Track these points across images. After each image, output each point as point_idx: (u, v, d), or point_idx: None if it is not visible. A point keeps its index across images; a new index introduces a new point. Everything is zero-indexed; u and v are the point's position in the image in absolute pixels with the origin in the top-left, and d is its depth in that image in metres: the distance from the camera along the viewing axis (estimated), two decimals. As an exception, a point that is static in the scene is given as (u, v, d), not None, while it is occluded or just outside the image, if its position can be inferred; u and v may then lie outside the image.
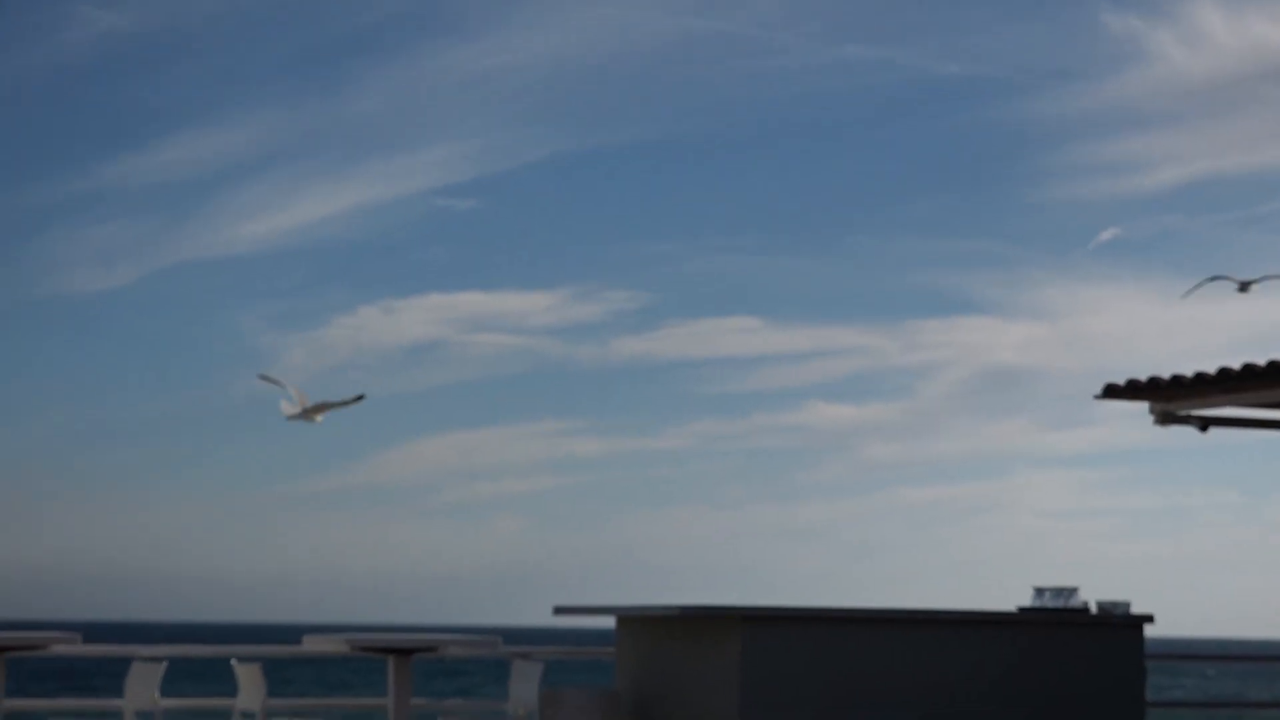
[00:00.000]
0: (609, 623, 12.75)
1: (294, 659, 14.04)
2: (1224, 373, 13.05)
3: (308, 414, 12.93)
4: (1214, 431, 14.08)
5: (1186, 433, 14.13)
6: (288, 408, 13.06)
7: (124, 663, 13.01)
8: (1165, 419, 13.82)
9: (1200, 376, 13.25)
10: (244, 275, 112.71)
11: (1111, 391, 13.78)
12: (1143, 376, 13.67)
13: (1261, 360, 12.92)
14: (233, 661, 13.30)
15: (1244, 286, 15.49)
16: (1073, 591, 12.45)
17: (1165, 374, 13.53)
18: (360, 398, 12.83)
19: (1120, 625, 12.46)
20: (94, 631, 13.64)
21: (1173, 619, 14.10)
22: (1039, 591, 12.55)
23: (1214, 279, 15.45)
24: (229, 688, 13.58)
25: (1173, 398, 13.68)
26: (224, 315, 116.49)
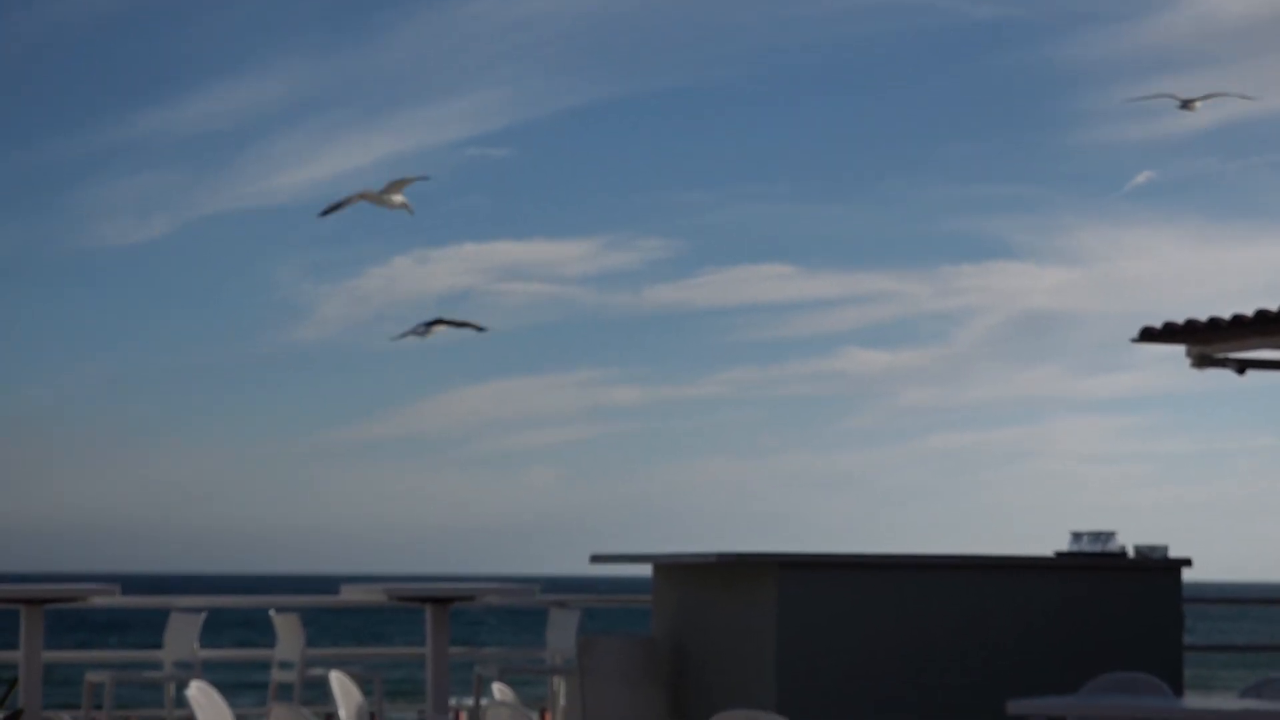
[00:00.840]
0: (646, 571, 12.78)
1: (332, 609, 14.10)
2: (1261, 315, 12.98)
3: (384, 198, 12.70)
4: (1249, 376, 14.02)
5: (1220, 377, 14.08)
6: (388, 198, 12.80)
7: (163, 614, 13.08)
8: (1202, 362, 13.76)
9: (1237, 319, 13.18)
10: (278, 226, 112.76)
11: (1148, 335, 13.72)
12: (1178, 320, 13.60)
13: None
14: (271, 612, 13.37)
15: (1186, 104, 15.78)
16: (1110, 536, 12.43)
17: (1201, 317, 13.46)
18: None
19: (1158, 569, 12.44)
20: (132, 583, 13.70)
21: (1209, 563, 14.07)
22: (1076, 536, 12.54)
23: (1158, 95, 15.80)
24: (268, 638, 13.65)
25: (1209, 340, 13.62)
26: (259, 266, 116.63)
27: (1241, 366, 13.89)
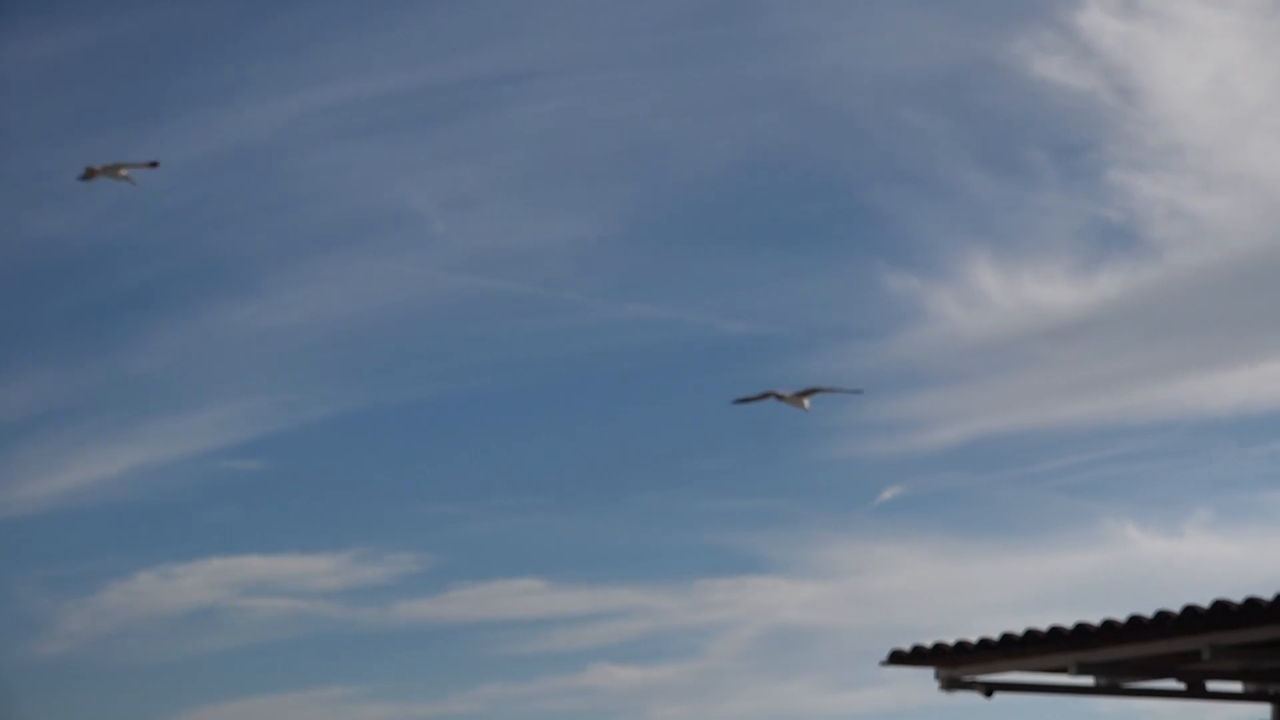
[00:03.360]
0: None
1: None
2: (1007, 639, 13.17)
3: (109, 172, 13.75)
4: (1000, 696, 14.15)
5: (973, 696, 14.20)
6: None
7: None
8: (951, 685, 13.87)
9: (984, 642, 13.35)
10: (18, 540, 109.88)
11: (897, 658, 13.80)
12: (928, 638, 13.72)
13: (1042, 623, 13.09)
14: None
15: (781, 396, 16.14)
16: None
17: (950, 634, 13.60)
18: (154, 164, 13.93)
19: None
20: None
21: None
22: None
23: (763, 395, 16.15)
24: None
25: (958, 663, 13.77)
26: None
27: (989, 690, 14.05)
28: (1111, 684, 14.34)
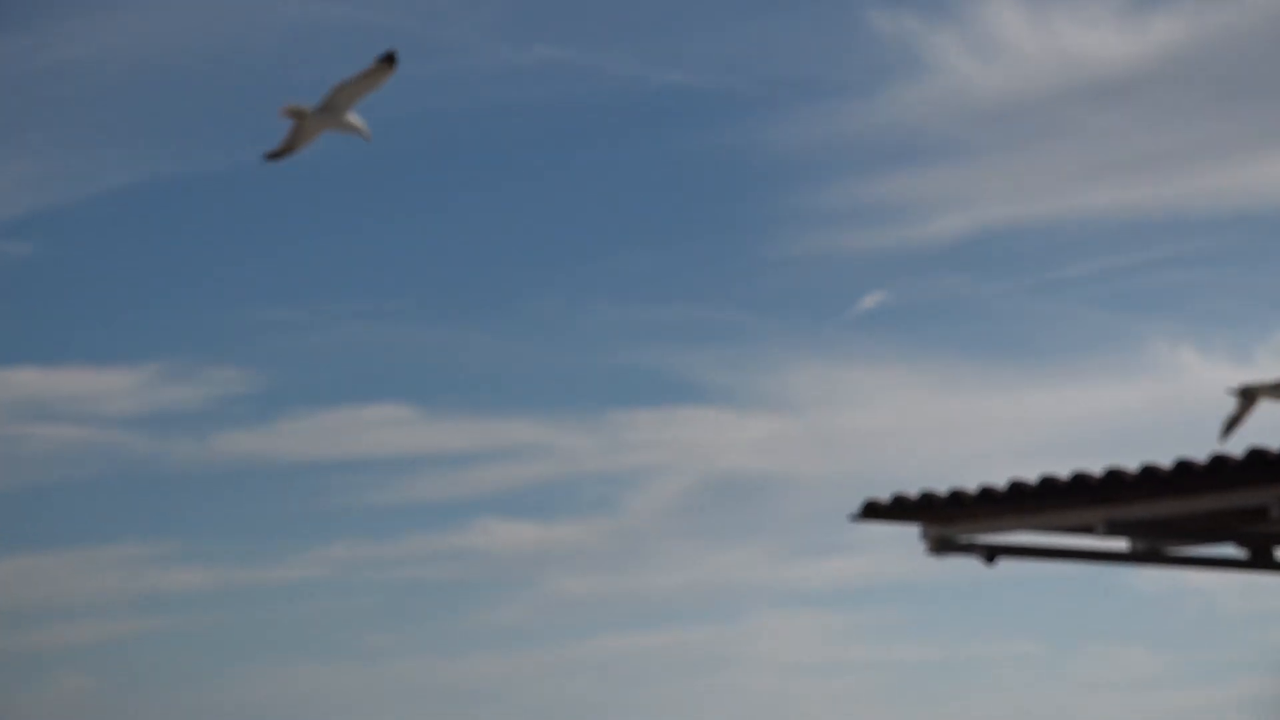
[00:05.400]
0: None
1: None
2: (1016, 488, 13.14)
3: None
4: (1002, 565, 14.16)
5: (970, 563, 14.22)
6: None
7: None
8: (941, 546, 13.84)
9: (986, 493, 13.30)
10: None
11: (872, 511, 13.74)
12: (913, 490, 13.66)
13: (1063, 470, 13.06)
14: None
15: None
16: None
17: (942, 487, 13.55)
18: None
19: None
20: None
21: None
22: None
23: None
24: None
25: (951, 519, 13.73)
26: None
27: (991, 554, 14.03)
28: (1151, 549, 14.41)
